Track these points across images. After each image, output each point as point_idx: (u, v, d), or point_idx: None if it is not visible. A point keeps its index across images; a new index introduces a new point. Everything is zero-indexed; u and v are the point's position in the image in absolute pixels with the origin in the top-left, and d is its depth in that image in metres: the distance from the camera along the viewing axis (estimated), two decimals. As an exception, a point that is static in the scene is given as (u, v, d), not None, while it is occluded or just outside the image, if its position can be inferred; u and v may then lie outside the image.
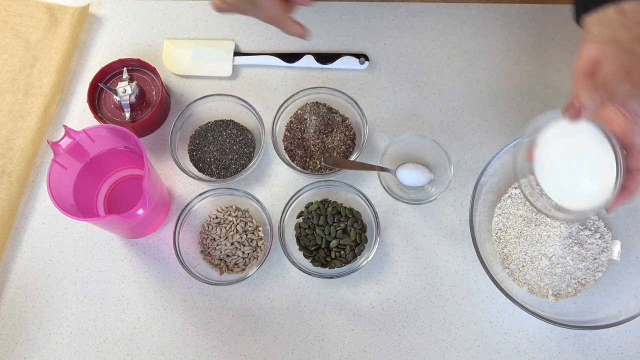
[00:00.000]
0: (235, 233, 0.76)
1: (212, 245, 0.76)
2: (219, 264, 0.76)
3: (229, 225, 0.77)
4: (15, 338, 0.75)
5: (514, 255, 0.74)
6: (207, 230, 0.77)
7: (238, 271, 0.76)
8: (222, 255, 0.76)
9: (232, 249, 0.75)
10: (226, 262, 0.76)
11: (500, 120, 0.83)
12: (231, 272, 0.76)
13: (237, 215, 0.77)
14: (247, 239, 0.76)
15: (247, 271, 0.75)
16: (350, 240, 0.75)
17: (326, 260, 0.75)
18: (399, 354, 0.73)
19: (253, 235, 0.77)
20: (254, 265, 0.75)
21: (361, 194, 0.76)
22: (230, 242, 0.76)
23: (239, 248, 0.76)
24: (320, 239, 0.75)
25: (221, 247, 0.76)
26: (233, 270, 0.76)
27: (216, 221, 0.78)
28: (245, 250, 0.76)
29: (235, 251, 0.76)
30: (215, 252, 0.76)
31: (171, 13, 0.91)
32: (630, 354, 0.71)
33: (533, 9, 0.88)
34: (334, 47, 0.87)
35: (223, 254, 0.76)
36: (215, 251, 0.76)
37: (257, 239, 0.77)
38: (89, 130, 0.71)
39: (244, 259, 0.76)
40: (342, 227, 0.75)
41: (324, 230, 0.75)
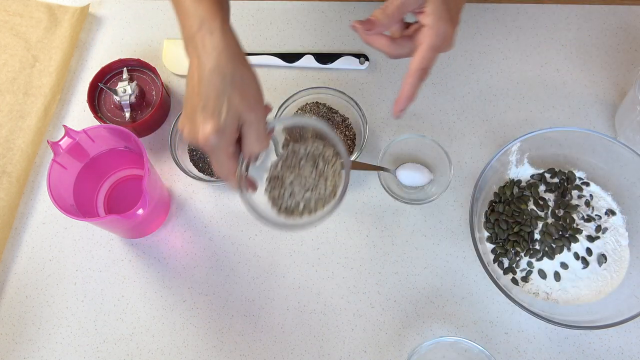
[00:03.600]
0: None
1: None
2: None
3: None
4: (15, 338, 0.75)
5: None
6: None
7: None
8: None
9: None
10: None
11: (500, 120, 0.83)
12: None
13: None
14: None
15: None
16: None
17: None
18: (399, 354, 0.73)
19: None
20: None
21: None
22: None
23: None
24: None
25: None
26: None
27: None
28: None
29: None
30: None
31: (171, 13, 0.90)
32: (630, 354, 0.71)
33: (533, 9, 0.89)
34: (334, 47, 0.87)
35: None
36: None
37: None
38: (89, 130, 0.71)
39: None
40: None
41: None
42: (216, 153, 0.61)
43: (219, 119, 0.59)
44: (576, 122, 0.82)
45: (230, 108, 0.59)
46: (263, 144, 0.63)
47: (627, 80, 0.84)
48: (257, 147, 0.63)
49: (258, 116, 0.61)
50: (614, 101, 0.83)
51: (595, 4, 0.89)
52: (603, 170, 0.76)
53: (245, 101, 0.60)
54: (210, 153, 0.61)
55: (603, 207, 0.75)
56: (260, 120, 0.62)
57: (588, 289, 0.72)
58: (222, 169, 0.63)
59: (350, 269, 0.76)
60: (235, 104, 0.59)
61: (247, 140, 0.62)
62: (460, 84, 0.85)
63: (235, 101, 0.59)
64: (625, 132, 0.78)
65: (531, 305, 0.69)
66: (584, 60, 0.86)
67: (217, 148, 0.60)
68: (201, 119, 0.59)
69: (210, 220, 0.80)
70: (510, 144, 0.73)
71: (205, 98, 0.59)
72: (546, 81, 0.85)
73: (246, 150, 0.63)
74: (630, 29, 0.87)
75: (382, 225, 0.78)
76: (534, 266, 0.73)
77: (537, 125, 0.82)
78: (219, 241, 0.79)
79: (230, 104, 0.59)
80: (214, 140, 0.59)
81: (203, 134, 0.59)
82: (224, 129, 0.59)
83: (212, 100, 0.59)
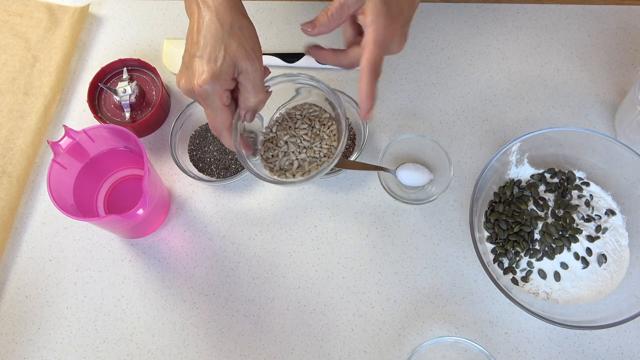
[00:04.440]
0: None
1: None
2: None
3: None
4: (15, 338, 0.75)
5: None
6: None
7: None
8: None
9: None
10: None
11: (500, 120, 0.83)
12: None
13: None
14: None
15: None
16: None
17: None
18: (399, 354, 0.73)
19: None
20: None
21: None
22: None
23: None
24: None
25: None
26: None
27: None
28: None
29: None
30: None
31: (171, 13, 0.91)
32: (630, 354, 0.71)
33: (533, 9, 0.89)
34: (333, 46, 0.87)
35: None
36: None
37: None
38: (89, 130, 0.71)
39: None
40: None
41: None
42: (210, 99, 0.61)
43: (215, 64, 0.60)
44: (576, 122, 0.82)
45: (227, 55, 0.60)
46: (259, 96, 0.64)
47: (627, 80, 0.84)
48: (253, 99, 0.63)
49: (255, 66, 0.62)
50: (614, 101, 0.83)
51: (595, 4, 0.89)
52: (603, 170, 0.76)
53: (242, 49, 0.61)
54: (205, 101, 0.62)
55: (603, 207, 0.75)
56: (256, 70, 0.62)
57: (588, 289, 0.72)
58: (216, 119, 0.63)
59: (350, 269, 0.77)
60: (232, 51, 0.60)
61: (244, 90, 0.63)
62: (460, 84, 0.85)
63: (232, 48, 0.60)
64: (625, 132, 0.78)
65: (531, 305, 0.69)
66: (584, 60, 0.86)
67: (211, 94, 0.61)
68: (198, 66, 0.60)
69: (210, 220, 0.80)
70: (510, 144, 0.73)
71: (203, 46, 0.60)
72: (546, 81, 0.85)
73: (242, 102, 0.64)
74: (630, 29, 0.87)
75: (382, 225, 0.78)
76: (534, 266, 0.73)
77: (537, 125, 0.82)
78: (219, 241, 0.79)
79: (227, 51, 0.60)
80: (209, 86, 0.60)
81: (198, 80, 0.60)
82: (219, 75, 0.60)
83: (209, 47, 0.60)
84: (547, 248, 0.73)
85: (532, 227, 0.74)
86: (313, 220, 0.79)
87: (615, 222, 0.75)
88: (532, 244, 0.73)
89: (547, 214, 0.75)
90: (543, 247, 0.73)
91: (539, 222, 0.74)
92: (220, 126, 0.64)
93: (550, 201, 0.75)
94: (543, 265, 0.73)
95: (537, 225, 0.74)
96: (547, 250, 0.73)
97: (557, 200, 0.75)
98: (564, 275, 0.73)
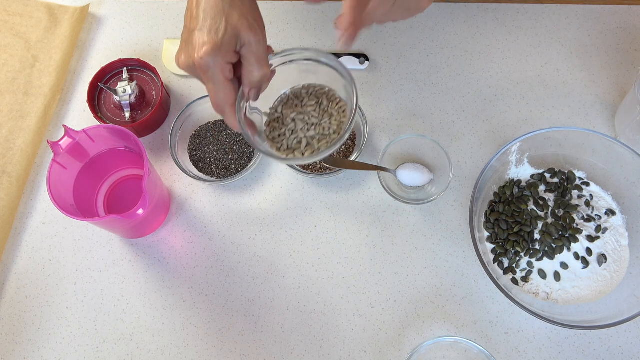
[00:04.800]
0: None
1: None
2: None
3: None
4: (15, 338, 0.75)
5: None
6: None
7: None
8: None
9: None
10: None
11: (500, 120, 0.83)
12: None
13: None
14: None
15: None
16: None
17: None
18: (399, 354, 0.73)
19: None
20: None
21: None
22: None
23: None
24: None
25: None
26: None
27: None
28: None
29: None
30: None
31: (171, 13, 0.91)
32: (630, 354, 0.71)
33: (533, 9, 0.89)
34: (334, 47, 0.87)
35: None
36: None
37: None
38: (89, 130, 0.71)
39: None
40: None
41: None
42: (212, 72, 0.59)
43: (217, 35, 0.58)
44: (576, 122, 0.82)
45: (229, 25, 0.58)
46: (263, 70, 0.61)
47: (627, 80, 0.84)
48: (257, 72, 0.61)
49: (258, 37, 0.60)
50: (614, 101, 0.83)
51: (595, 4, 0.89)
52: (603, 170, 0.76)
53: (244, 20, 0.59)
54: (206, 74, 0.59)
55: (603, 207, 0.75)
56: (260, 42, 0.60)
57: (588, 289, 0.72)
58: (218, 94, 0.61)
59: (350, 269, 0.77)
60: (234, 22, 0.58)
61: (247, 64, 0.60)
62: (460, 84, 0.85)
63: (234, 20, 0.58)
64: (625, 132, 0.78)
65: (531, 305, 0.69)
66: (584, 60, 0.86)
67: (214, 67, 0.58)
68: (198, 38, 0.58)
69: (210, 220, 0.80)
70: (510, 144, 0.73)
71: (203, 19, 0.58)
72: (546, 81, 0.85)
73: (246, 77, 0.61)
74: (630, 29, 0.87)
75: (382, 225, 0.78)
76: (534, 266, 0.73)
77: (537, 125, 0.82)
78: (219, 241, 0.79)
79: (229, 22, 0.58)
80: (210, 58, 0.58)
81: (199, 52, 0.58)
82: (221, 46, 0.58)
83: (210, 19, 0.58)
84: (547, 248, 0.73)
85: (532, 227, 0.74)
86: (313, 220, 0.79)
87: (615, 222, 0.75)
88: (532, 244, 0.73)
89: (547, 214, 0.75)
90: (543, 247, 0.73)
91: (539, 222, 0.74)
92: (224, 102, 0.61)
93: (550, 201, 0.75)
94: (543, 265, 0.73)
95: (537, 225, 0.74)
96: (547, 250, 0.73)
97: (557, 200, 0.75)
98: (564, 275, 0.73)
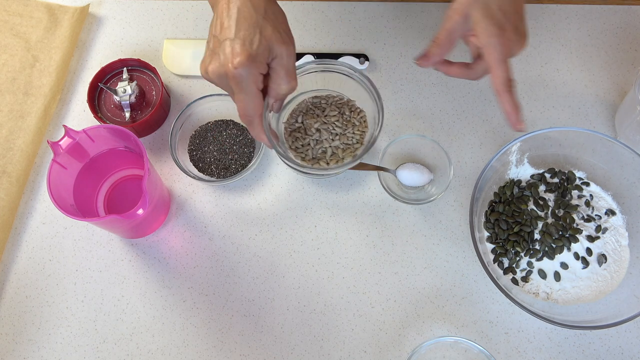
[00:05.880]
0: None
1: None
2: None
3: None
4: (15, 338, 0.75)
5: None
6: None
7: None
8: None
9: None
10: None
11: (500, 120, 0.83)
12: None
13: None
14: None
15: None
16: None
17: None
18: (399, 354, 0.73)
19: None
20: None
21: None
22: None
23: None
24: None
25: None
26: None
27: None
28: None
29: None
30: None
31: (171, 13, 0.91)
32: (630, 354, 0.71)
33: (533, 9, 0.89)
34: (334, 47, 0.87)
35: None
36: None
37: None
38: (89, 130, 0.71)
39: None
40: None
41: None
42: (245, 83, 0.60)
43: (252, 47, 0.58)
44: (576, 122, 0.82)
45: (263, 38, 0.59)
46: (292, 83, 0.62)
47: (627, 80, 0.84)
48: (285, 85, 0.62)
49: (289, 50, 0.61)
50: (614, 101, 0.83)
51: (595, 4, 0.89)
52: (603, 170, 0.76)
53: (277, 33, 0.60)
54: (239, 85, 0.60)
55: (603, 207, 0.75)
56: (290, 56, 0.61)
57: (588, 289, 0.72)
58: (249, 105, 0.62)
59: (350, 269, 0.77)
60: (268, 35, 0.59)
61: (276, 76, 0.61)
62: (460, 84, 0.85)
63: (268, 32, 0.59)
64: (625, 132, 0.78)
65: (531, 305, 0.69)
66: (584, 60, 0.86)
67: (247, 78, 0.59)
68: (231, 49, 0.58)
69: (210, 220, 0.80)
70: (510, 144, 0.73)
71: (236, 30, 0.59)
72: (546, 81, 0.85)
73: (274, 89, 0.62)
74: (630, 29, 0.87)
75: (382, 225, 0.78)
76: (534, 266, 0.73)
77: (537, 125, 0.82)
78: (219, 241, 0.79)
79: (263, 34, 0.59)
80: (244, 69, 0.58)
81: (234, 62, 0.58)
82: (256, 57, 0.59)
83: (243, 31, 0.58)
84: (547, 248, 0.73)
85: (532, 227, 0.74)
86: (313, 220, 0.79)
87: (615, 222, 0.75)
88: (532, 244, 0.73)
89: (547, 214, 0.75)
90: (543, 247, 0.73)
91: (539, 222, 0.74)
92: (253, 112, 0.62)
93: (550, 201, 0.75)
94: (543, 265, 0.73)
95: (537, 225, 0.74)
96: (547, 250, 0.73)
97: (557, 200, 0.75)
98: (564, 275, 0.73)
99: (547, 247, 0.73)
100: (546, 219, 0.74)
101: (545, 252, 0.73)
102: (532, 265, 0.73)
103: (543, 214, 0.75)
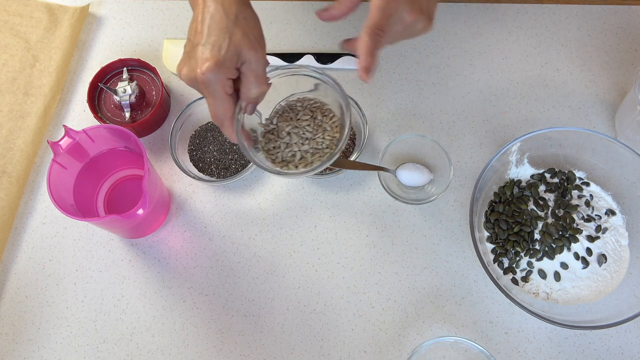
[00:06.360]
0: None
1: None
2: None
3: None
4: (15, 338, 0.75)
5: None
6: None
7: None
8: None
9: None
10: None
11: (500, 120, 0.83)
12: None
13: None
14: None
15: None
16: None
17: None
18: (399, 354, 0.73)
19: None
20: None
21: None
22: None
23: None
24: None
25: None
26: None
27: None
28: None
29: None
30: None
31: (171, 13, 0.91)
32: (630, 354, 0.71)
33: (533, 9, 0.89)
34: (334, 47, 0.87)
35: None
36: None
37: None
38: (89, 130, 0.71)
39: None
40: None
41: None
42: (213, 87, 0.61)
43: (219, 53, 0.60)
44: (576, 122, 0.82)
45: (231, 43, 0.60)
46: (262, 87, 0.64)
47: (627, 80, 0.84)
48: (255, 89, 0.63)
49: (258, 56, 0.62)
50: (614, 101, 0.83)
51: (595, 4, 0.89)
52: (603, 170, 0.76)
53: (246, 39, 0.61)
54: (207, 89, 0.61)
55: (603, 207, 0.75)
56: (260, 61, 0.62)
57: (588, 289, 0.72)
58: (218, 108, 0.63)
59: (350, 269, 0.77)
60: (237, 40, 0.60)
61: (246, 80, 0.63)
62: (460, 84, 0.85)
63: (237, 38, 0.60)
64: (625, 132, 0.78)
65: (531, 305, 0.69)
66: (584, 60, 0.86)
67: (215, 83, 0.61)
68: (201, 54, 0.60)
69: (210, 220, 0.80)
70: (510, 144, 0.73)
71: (207, 35, 0.60)
72: (546, 81, 0.85)
73: (244, 93, 0.63)
74: (630, 29, 0.87)
75: (382, 225, 0.78)
76: (534, 266, 0.73)
77: (537, 125, 0.82)
78: (219, 241, 0.79)
79: (232, 40, 0.60)
80: (212, 74, 0.60)
81: (201, 67, 0.60)
82: (223, 63, 0.60)
83: (214, 36, 0.60)
84: (547, 248, 0.73)
85: (532, 227, 0.74)
86: (313, 220, 0.79)
87: (615, 222, 0.75)
88: (532, 244, 0.73)
89: (547, 214, 0.75)
90: (543, 247, 0.73)
91: (539, 222, 0.74)
92: (223, 116, 0.64)
93: (550, 201, 0.75)
94: (543, 265, 0.73)
95: (537, 225, 0.74)
96: (547, 250, 0.73)
97: (557, 200, 0.75)
98: (564, 275, 0.73)
99: (547, 247, 0.73)
100: (546, 219, 0.74)
101: (545, 252, 0.73)
102: (532, 265, 0.73)
103: (543, 214, 0.75)
